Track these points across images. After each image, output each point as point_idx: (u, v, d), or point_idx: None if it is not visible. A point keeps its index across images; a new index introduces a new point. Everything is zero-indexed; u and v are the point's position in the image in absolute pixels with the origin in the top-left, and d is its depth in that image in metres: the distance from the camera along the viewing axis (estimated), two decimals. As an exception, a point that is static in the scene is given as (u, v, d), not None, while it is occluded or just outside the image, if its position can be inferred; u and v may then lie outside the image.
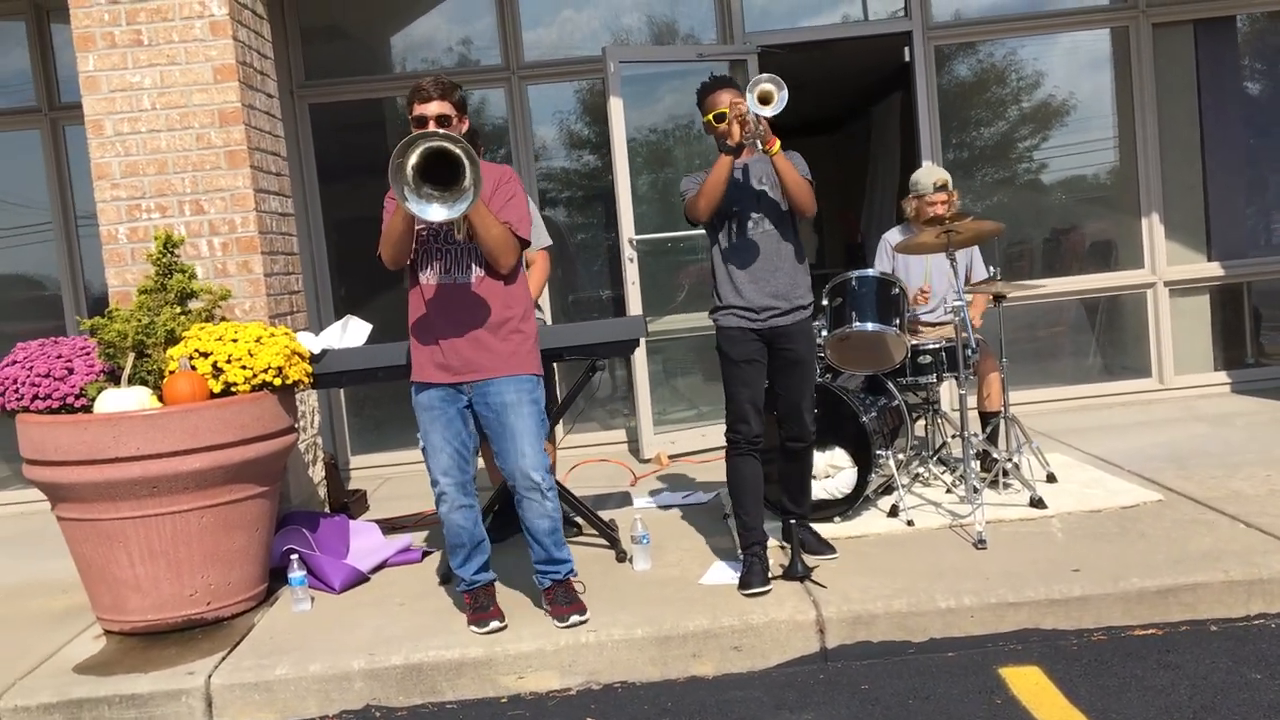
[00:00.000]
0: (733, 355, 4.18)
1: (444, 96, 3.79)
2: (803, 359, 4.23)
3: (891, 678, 3.56)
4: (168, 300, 4.45)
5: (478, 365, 3.86)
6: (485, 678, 3.70)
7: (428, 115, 3.77)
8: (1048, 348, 7.54)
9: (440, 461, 3.90)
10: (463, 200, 3.55)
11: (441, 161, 3.53)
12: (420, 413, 3.93)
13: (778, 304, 4.16)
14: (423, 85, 3.81)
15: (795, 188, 4.06)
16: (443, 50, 7.31)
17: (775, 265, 4.16)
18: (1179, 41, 7.35)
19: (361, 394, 7.36)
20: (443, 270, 3.86)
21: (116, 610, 4.15)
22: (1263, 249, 7.52)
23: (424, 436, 3.92)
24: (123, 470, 3.94)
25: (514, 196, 3.90)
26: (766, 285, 4.15)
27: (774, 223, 4.18)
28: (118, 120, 4.92)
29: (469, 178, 3.53)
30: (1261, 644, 3.55)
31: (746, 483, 4.22)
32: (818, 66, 9.51)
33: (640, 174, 7.11)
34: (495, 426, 3.90)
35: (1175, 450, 5.70)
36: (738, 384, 4.18)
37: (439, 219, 3.58)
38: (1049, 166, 7.61)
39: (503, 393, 3.87)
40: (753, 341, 4.17)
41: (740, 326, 4.17)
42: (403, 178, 3.52)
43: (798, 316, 4.19)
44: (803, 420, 4.28)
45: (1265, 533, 4.18)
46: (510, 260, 3.85)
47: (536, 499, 3.91)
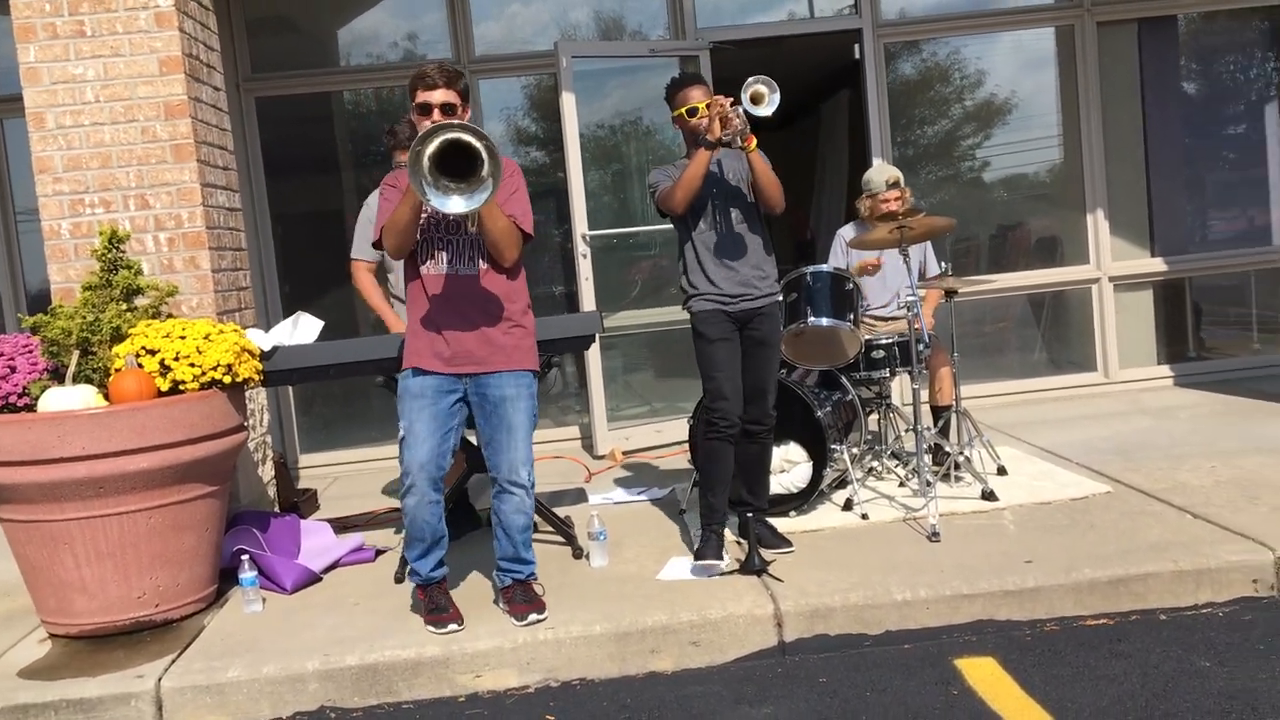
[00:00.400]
0: (709, 334, 4.29)
1: (449, 84, 3.75)
2: (768, 341, 4.36)
3: (849, 670, 3.57)
4: (113, 297, 4.35)
5: (480, 358, 3.82)
6: (442, 677, 3.67)
7: (433, 103, 3.73)
8: (996, 343, 7.63)
9: (419, 453, 3.79)
10: (482, 191, 3.50)
11: (458, 153, 3.48)
12: (408, 400, 3.84)
13: (748, 291, 4.31)
14: (427, 72, 3.75)
15: (769, 185, 4.23)
16: (390, 44, 7.23)
17: (747, 256, 4.32)
18: (1123, 40, 7.47)
19: (310, 392, 7.27)
20: (446, 262, 3.82)
21: (62, 613, 4.06)
22: (1203, 245, 7.67)
23: (407, 425, 3.82)
24: (68, 470, 3.85)
25: (517, 190, 3.87)
26: (737, 274, 4.30)
27: (744, 215, 4.34)
28: (60, 113, 4.81)
29: (487, 169, 3.48)
30: (1210, 632, 3.62)
31: (719, 464, 4.32)
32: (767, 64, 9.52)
33: (592, 169, 7.09)
34: (492, 420, 3.86)
35: (1122, 443, 5.80)
36: (713, 363, 4.29)
37: (459, 211, 3.53)
38: (996, 164, 7.70)
39: (503, 386, 3.84)
40: (726, 322, 4.31)
41: (715, 309, 4.30)
42: (420, 169, 3.46)
43: (767, 301, 4.35)
44: (765, 403, 4.37)
45: (1211, 523, 4.26)
46: (514, 254, 3.81)
47: (520, 495, 3.88)
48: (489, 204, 3.63)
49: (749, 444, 4.42)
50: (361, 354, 4.60)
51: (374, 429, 7.25)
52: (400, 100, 7.27)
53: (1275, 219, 7.65)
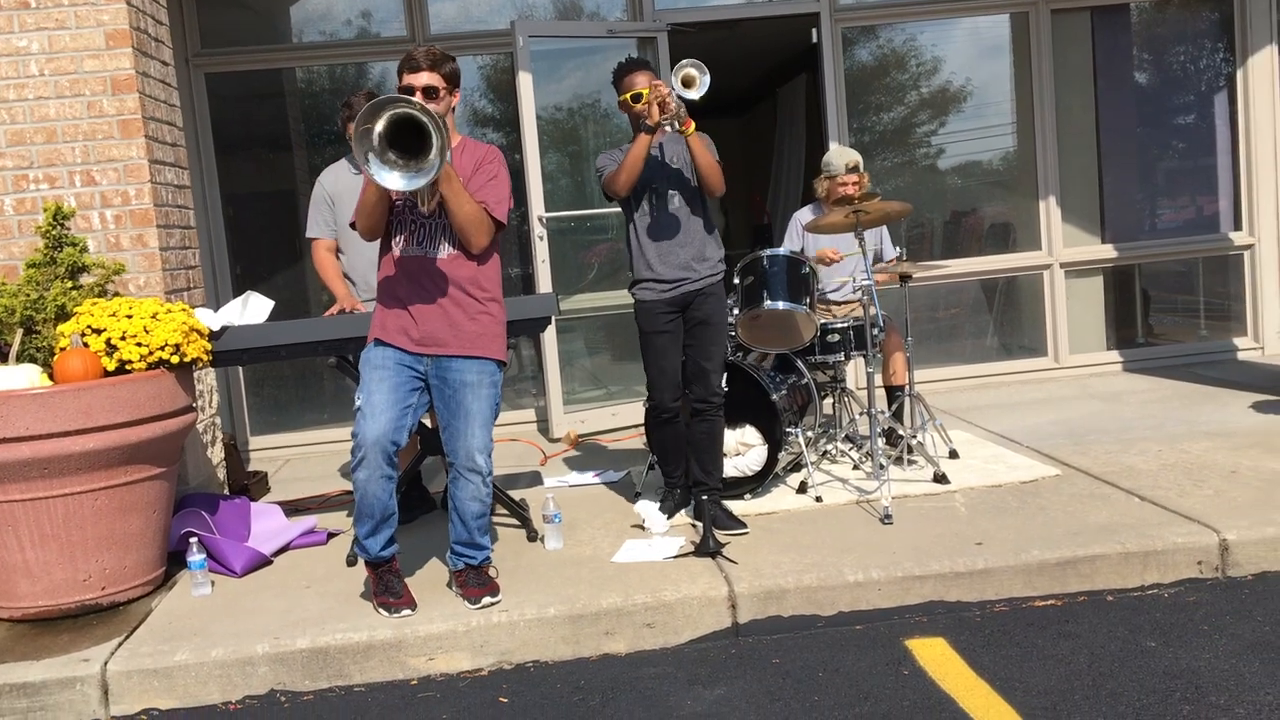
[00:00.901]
0: (645, 328, 4.46)
1: (433, 68, 3.71)
2: (709, 320, 4.45)
3: (802, 651, 3.60)
4: (58, 274, 4.28)
5: (443, 340, 3.79)
6: (394, 660, 3.65)
7: (415, 86, 3.70)
8: (948, 328, 7.69)
9: (375, 425, 3.70)
10: (423, 173, 3.45)
11: (412, 131, 3.43)
12: (368, 370, 3.78)
13: (686, 275, 4.42)
14: (413, 55, 3.73)
15: (707, 168, 4.31)
16: (344, 21, 7.13)
17: (686, 239, 4.42)
18: (1077, 28, 7.53)
19: (261, 373, 7.19)
20: (415, 243, 3.79)
21: (5, 596, 3.98)
22: (1153, 232, 7.77)
23: (365, 396, 3.74)
24: (11, 451, 3.78)
25: (495, 177, 3.83)
26: (677, 257, 4.41)
27: (685, 198, 4.43)
28: (2, 87, 4.70)
29: (434, 150, 3.42)
30: (1156, 613, 3.68)
31: (666, 444, 4.67)
32: (726, 46, 9.54)
33: (549, 151, 7.05)
34: (450, 404, 3.82)
35: (1071, 427, 5.87)
36: (651, 354, 4.48)
37: (395, 187, 3.48)
38: (950, 150, 7.74)
39: (464, 371, 3.81)
40: (664, 314, 4.43)
41: (651, 300, 4.43)
42: (368, 141, 3.41)
43: (708, 281, 4.45)
44: (708, 381, 4.47)
45: (1158, 505, 4.33)
46: (482, 240, 3.76)
47: (476, 482, 3.84)
48: (454, 188, 3.60)
49: (698, 423, 4.50)
50: (313, 334, 4.54)
51: (326, 411, 7.19)
52: (353, 77, 7.18)
53: (1223, 207, 7.76)
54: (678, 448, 4.60)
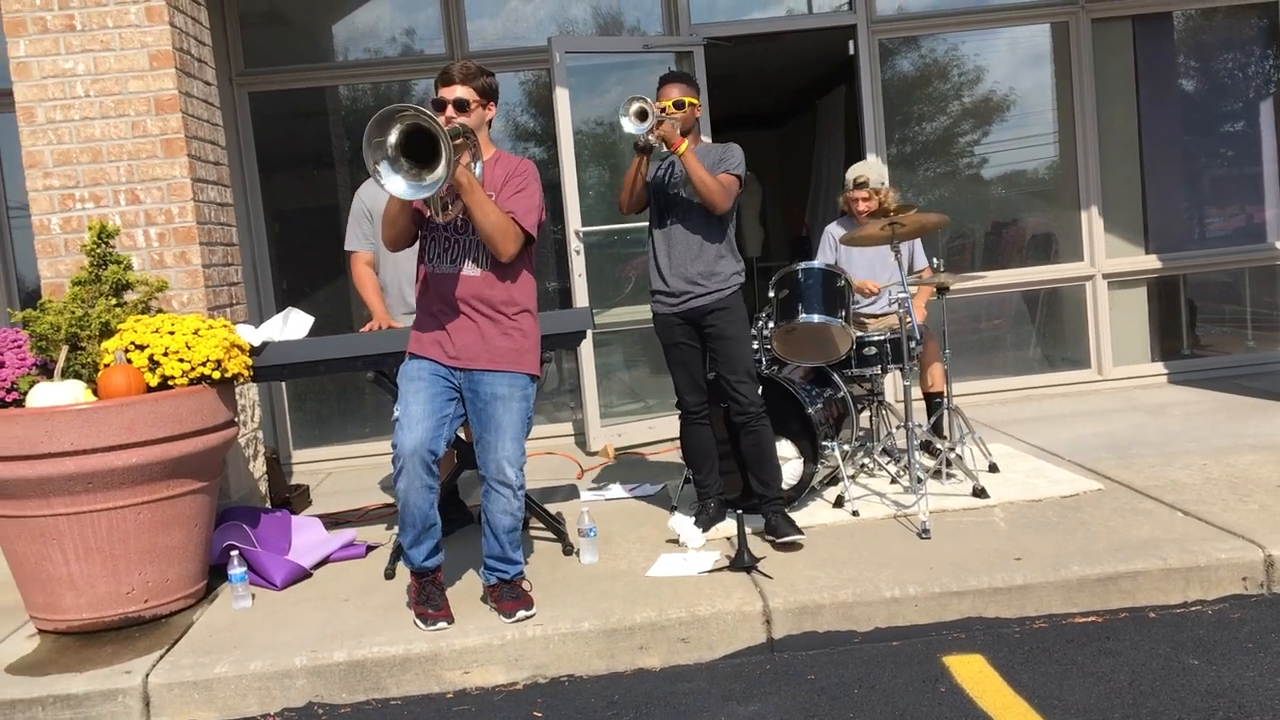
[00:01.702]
0: (663, 340, 4.65)
1: (466, 81, 3.78)
2: (725, 334, 4.46)
3: (837, 667, 3.57)
4: (102, 292, 4.35)
5: (476, 355, 3.82)
6: (430, 673, 3.67)
7: (446, 99, 3.77)
8: (990, 340, 7.63)
9: (413, 435, 3.74)
10: (429, 185, 3.48)
11: (426, 142, 3.45)
12: (405, 382, 3.84)
13: (693, 288, 4.46)
14: (449, 68, 3.80)
15: (701, 186, 4.35)
16: (386, 39, 7.22)
17: (695, 254, 4.47)
18: (1118, 37, 7.46)
19: (304, 388, 7.27)
20: (449, 259, 3.83)
21: (51, 609, 4.05)
22: (1198, 242, 7.67)
23: (402, 408, 3.80)
24: (56, 466, 3.85)
25: (524, 189, 3.84)
26: (684, 271, 4.47)
27: (698, 217, 4.47)
28: (50, 108, 4.80)
29: (443, 160, 3.44)
30: (1199, 630, 3.62)
31: (694, 446, 4.69)
32: (763, 59, 9.54)
33: (587, 166, 7.09)
34: (482, 417, 3.85)
35: (1114, 440, 5.79)
36: (671, 364, 4.63)
37: (398, 194, 3.50)
38: (991, 160, 7.69)
39: (495, 385, 3.83)
40: (677, 325, 4.53)
41: (664, 313, 4.54)
42: (381, 150, 3.45)
43: (716, 297, 4.46)
44: (738, 393, 4.47)
45: (1202, 520, 4.26)
46: (509, 248, 3.76)
47: (507, 495, 3.86)
48: (477, 198, 3.62)
49: (744, 435, 4.50)
50: (351, 350, 4.59)
51: (368, 425, 7.25)
52: (396, 94, 7.25)
53: (1270, 216, 7.64)
54: (705, 451, 4.65)
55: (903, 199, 6.34)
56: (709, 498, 4.68)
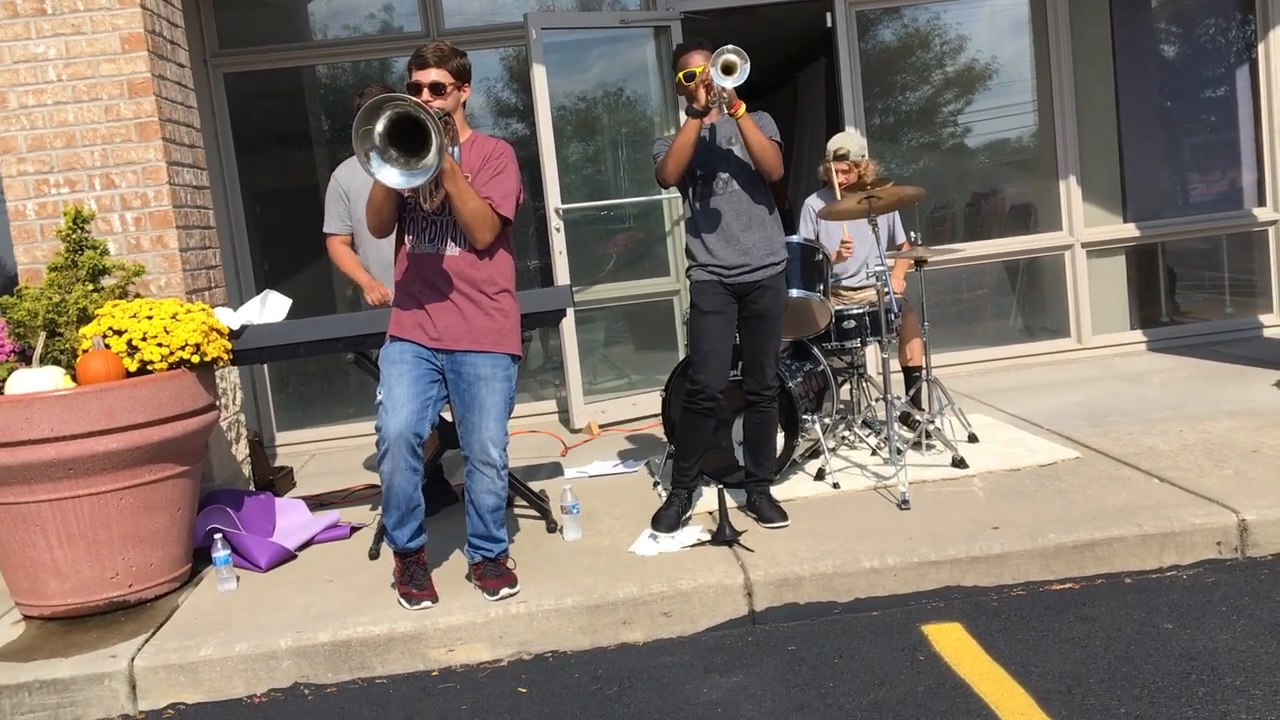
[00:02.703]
0: (703, 306, 4.32)
1: (441, 64, 3.74)
2: (768, 314, 4.34)
3: (818, 638, 3.61)
4: (79, 277, 4.34)
5: (458, 336, 3.82)
6: (415, 652, 3.69)
7: (422, 83, 3.73)
8: (970, 310, 7.66)
9: (397, 418, 3.76)
10: (421, 172, 3.48)
11: (413, 129, 3.46)
12: (387, 365, 3.84)
13: (747, 261, 4.28)
14: (421, 51, 3.76)
15: (760, 150, 4.16)
16: (362, 17, 7.17)
17: (746, 224, 4.29)
18: (1094, 6, 7.46)
19: (286, 370, 7.26)
20: (427, 240, 3.82)
21: (35, 595, 4.06)
22: (1176, 210, 7.70)
23: (385, 390, 3.81)
24: (36, 452, 3.85)
25: (501, 173, 3.84)
26: (737, 244, 4.27)
27: (743, 183, 4.29)
28: (22, 93, 4.77)
29: (434, 148, 3.45)
30: (1174, 595, 3.67)
31: (695, 433, 4.40)
32: (742, 32, 9.50)
33: (568, 143, 7.07)
34: (465, 398, 3.86)
35: (1093, 408, 5.84)
36: (703, 335, 4.32)
37: (394, 184, 3.51)
38: (970, 131, 7.69)
39: (477, 366, 3.84)
40: (722, 294, 4.31)
41: (708, 279, 4.30)
42: (369, 140, 3.44)
43: (768, 272, 4.31)
44: (764, 372, 4.39)
45: (1177, 486, 4.31)
46: (486, 236, 3.77)
47: (490, 475, 3.88)
48: (458, 184, 3.62)
49: (752, 414, 4.47)
50: (330, 331, 4.59)
51: (351, 406, 7.25)
52: (376, 73, 7.21)
53: (1247, 182, 7.68)
54: (703, 440, 4.40)
55: (883, 171, 6.35)
56: (684, 487, 4.44)
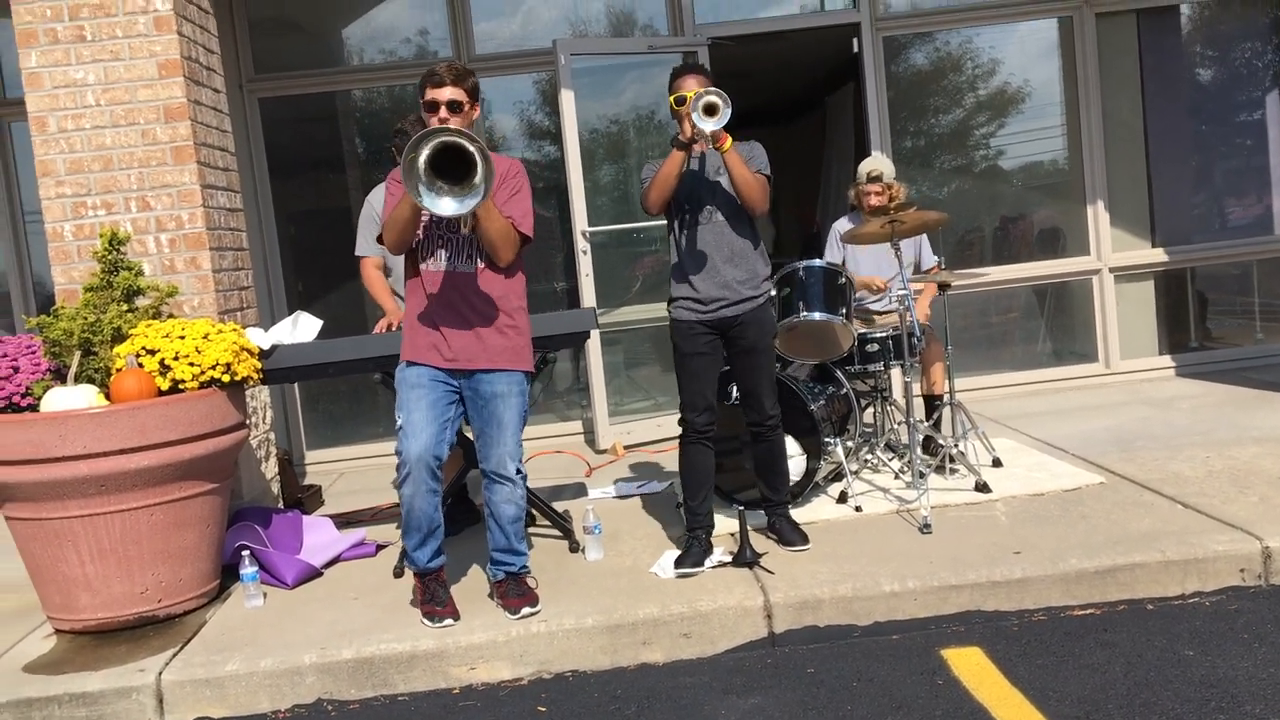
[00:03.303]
0: (683, 348, 4.29)
1: (457, 82, 3.81)
2: (755, 346, 4.30)
3: (837, 660, 3.62)
4: (114, 298, 4.43)
5: (474, 355, 3.88)
6: (437, 669, 3.73)
7: (439, 100, 3.80)
8: (999, 334, 7.65)
9: (417, 442, 3.83)
10: (473, 196, 3.54)
11: (454, 156, 3.53)
12: (405, 390, 3.89)
13: (726, 295, 4.23)
14: (436, 70, 3.83)
15: (743, 185, 4.14)
16: (395, 43, 7.29)
17: (727, 256, 4.24)
18: (1122, 31, 7.47)
19: (316, 389, 7.35)
20: (445, 259, 3.88)
21: (67, 609, 4.14)
22: (1205, 234, 7.66)
23: (404, 414, 3.87)
24: (69, 469, 3.93)
25: (519, 191, 3.91)
26: (717, 276, 4.23)
27: (727, 215, 4.25)
28: (61, 117, 4.89)
29: (480, 174, 3.52)
30: (1195, 621, 3.65)
31: (694, 470, 4.35)
32: (770, 57, 9.57)
33: (597, 166, 7.15)
34: (484, 414, 3.92)
35: (1119, 434, 5.82)
36: (686, 375, 4.30)
37: (449, 213, 3.57)
38: (998, 156, 7.70)
39: (494, 383, 3.91)
40: (703, 334, 4.26)
41: (689, 320, 4.27)
42: (415, 173, 3.51)
43: (747, 306, 4.26)
44: (761, 405, 4.36)
45: (1202, 513, 4.29)
46: (510, 255, 3.85)
47: (509, 487, 3.95)
48: (486, 205, 3.68)
49: (758, 443, 4.46)
50: (359, 352, 4.66)
51: (380, 425, 7.32)
52: (405, 97, 7.32)
53: (1277, 208, 7.64)
54: (705, 475, 4.33)
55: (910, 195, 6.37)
56: (699, 528, 4.31)
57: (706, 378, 4.28)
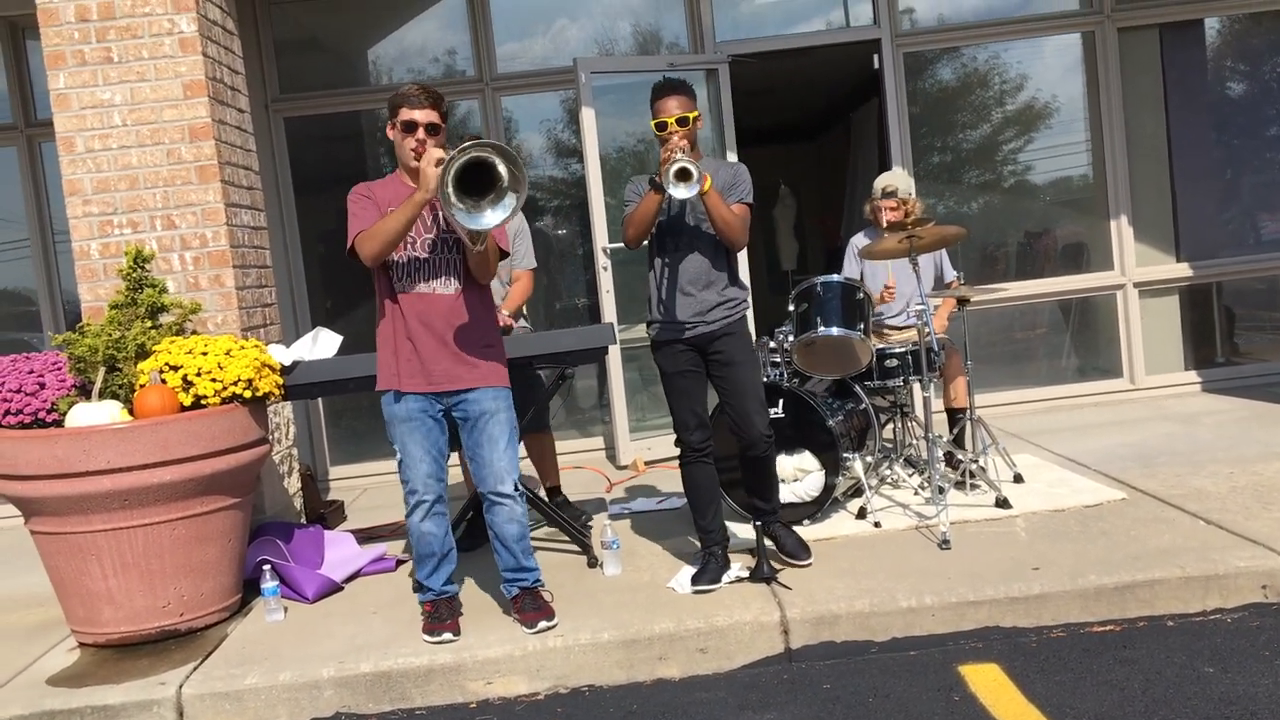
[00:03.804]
0: (665, 369, 4.31)
1: (435, 105, 3.85)
2: (734, 360, 4.23)
3: (853, 677, 3.61)
4: (138, 315, 4.49)
5: (457, 376, 3.91)
6: (454, 684, 3.75)
7: (419, 122, 3.82)
8: (1023, 350, 7.62)
9: (421, 470, 3.92)
10: (510, 200, 3.55)
11: (475, 172, 3.55)
12: (398, 424, 3.94)
13: (700, 317, 4.23)
14: (412, 92, 3.83)
15: (723, 225, 4.09)
16: (418, 62, 7.37)
17: (705, 285, 4.22)
18: (1145, 45, 7.44)
19: (340, 405, 7.41)
20: (422, 279, 3.90)
21: (90, 622, 4.18)
22: (1230, 249, 7.61)
23: (401, 448, 3.94)
24: (93, 484, 3.98)
25: None
26: (692, 305, 4.22)
27: (706, 247, 4.22)
28: (89, 137, 4.97)
29: (507, 176, 3.54)
30: (1216, 639, 3.62)
31: (698, 489, 4.33)
32: (792, 73, 9.59)
33: (617, 182, 7.17)
34: (474, 434, 3.96)
35: (1142, 450, 5.77)
36: (674, 395, 4.30)
37: (495, 223, 3.59)
38: (1020, 171, 7.69)
39: (482, 401, 3.94)
40: (683, 352, 4.26)
41: (668, 339, 4.27)
42: (449, 202, 3.54)
43: (723, 322, 4.22)
44: (749, 421, 4.24)
45: (1224, 529, 4.25)
46: (494, 272, 3.95)
47: (509, 504, 3.97)
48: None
49: (750, 462, 4.36)
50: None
51: (402, 441, 7.35)
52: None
53: (1304, 222, 7.58)
54: (710, 493, 4.30)
55: (929, 210, 6.36)
56: (714, 545, 4.27)
57: (695, 394, 4.26)
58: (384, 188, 3.94)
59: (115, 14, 4.92)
